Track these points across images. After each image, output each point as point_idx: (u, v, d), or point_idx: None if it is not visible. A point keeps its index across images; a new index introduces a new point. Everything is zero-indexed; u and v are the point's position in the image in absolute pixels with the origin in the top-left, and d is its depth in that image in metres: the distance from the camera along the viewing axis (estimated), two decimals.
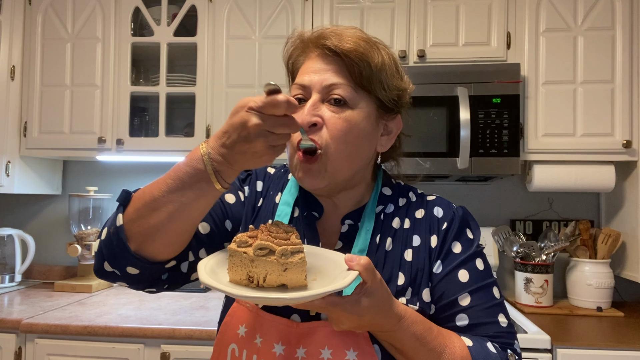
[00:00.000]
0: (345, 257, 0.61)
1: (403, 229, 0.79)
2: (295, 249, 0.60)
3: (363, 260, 0.60)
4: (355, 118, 0.72)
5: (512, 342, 0.73)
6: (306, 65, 0.76)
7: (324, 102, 0.73)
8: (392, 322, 0.63)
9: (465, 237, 0.78)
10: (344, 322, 0.61)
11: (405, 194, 0.84)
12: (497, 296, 0.76)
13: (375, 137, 0.78)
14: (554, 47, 1.88)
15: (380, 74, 0.74)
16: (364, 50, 0.72)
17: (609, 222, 2.08)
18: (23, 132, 2.10)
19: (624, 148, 1.82)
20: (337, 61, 0.73)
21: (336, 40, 0.72)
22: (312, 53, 0.76)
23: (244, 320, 0.72)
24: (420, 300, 0.73)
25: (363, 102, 0.74)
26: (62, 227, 2.42)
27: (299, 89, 0.75)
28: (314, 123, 0.70)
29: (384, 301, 0.62)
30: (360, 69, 0.72)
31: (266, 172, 0.88)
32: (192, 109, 2.03)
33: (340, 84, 0.72)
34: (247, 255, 0.60)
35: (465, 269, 0.75)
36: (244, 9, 2.02)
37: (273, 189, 0.85)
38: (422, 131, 1.83)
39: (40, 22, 2.10)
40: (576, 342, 1.50)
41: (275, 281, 0.60)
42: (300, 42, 0.79)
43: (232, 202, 0.81)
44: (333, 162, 0.72)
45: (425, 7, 1.94)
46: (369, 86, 0.74)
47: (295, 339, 0.69)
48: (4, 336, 1.65)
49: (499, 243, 2.02)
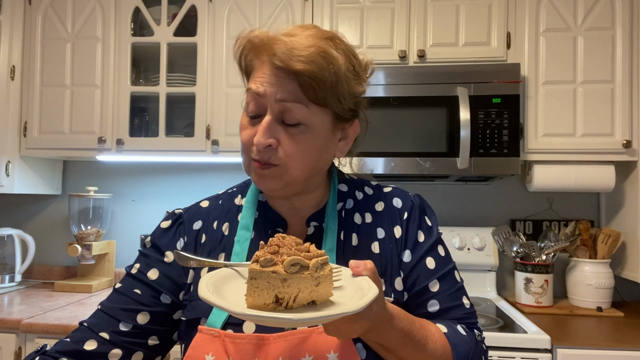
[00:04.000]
0: (351, 263, 0.60)
1: (365, 223, 0.80)
2: (324, 260, 0.56)
3: (369, 265, 0.59)
4: (310, 137, 0.71)
5: (476, 322, 0.78)
6: (260, 72, 0.72)
7: (278, 122, 0.70)
8: (386, 322, 0.63)
9: (426, 225, 0.82)
10: (357, 330, 0.58)
11: (361, 188, 0.85)
12: (459, 279, 0.80)
13: (332, 145, 0.77)
14: (554, 47, 1.88)
15: (336, 89, 0.70)
16: (318, 68, 0.68)
17: (609, 222, 2.08)
18: (23, 132, 2.10)
19: (624, 148, 1.82)
20: (289, 75, 0.69)
21: (286, 57, 0.67)
22: (264, 56, 0.71)
23: (210, 349, 0.68)
24: (394, 290, 0.75)
25: (318, 119, 0.72)
26: (62, 227, 2.42)
27: (253, 98, 0.72)
28: (268, 144, 0.70)
29: (384, 303, 0.62)
30: (315, 89, 0.69)
31: (199, 209, 0.84)
32: (192, 109, 2.03)
33: (293, 104, 0.69)
34: (277, 275, 0.53)
35: (431, 257, 0.79)
36: (244, 9, 2.02)
37: (216, 220, 0.82)
38: (422, 131, 1.84)
39: (40, 22, 2.10)
40: (576, 342, 1.50)
41: (306, 299, 0.55)
42: (250, 45, 0.74)
43: (155, 277, 0.78)
44: (290, 175, 0.72)
45: (425, 7, 1.94)
46: (323, 103, 0.71)
47: (272, 351, 0.66)
48: (4, 336, 1.65)
49: (499, 243, 2.02)
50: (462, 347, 0.72)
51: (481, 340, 0.77)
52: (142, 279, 0.78)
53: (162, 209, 2.35)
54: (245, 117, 0.75)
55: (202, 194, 2.38)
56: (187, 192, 2.37)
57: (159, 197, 2.38)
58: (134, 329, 0.75)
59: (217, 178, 2.37)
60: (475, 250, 2.07)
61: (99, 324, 0.75)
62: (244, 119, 0.75)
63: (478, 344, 0.75)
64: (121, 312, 0.76)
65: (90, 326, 0.75)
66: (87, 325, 0.76)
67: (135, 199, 2.39)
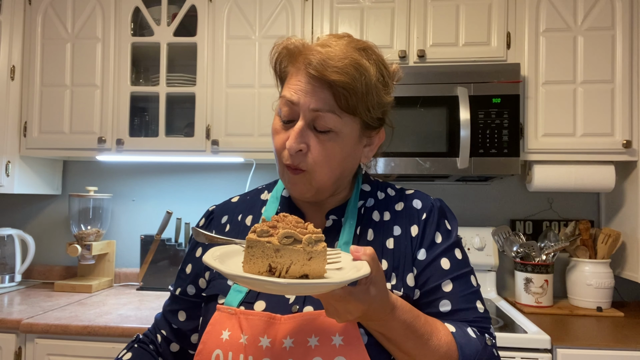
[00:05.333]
0: (351, 248, 0.62)
1: (383, 221, 0.82)
2: (318, 237, 0.59)
3: (369, 250, 0.61)
4: (338, 146, 0.75)
5: (489, 327, 0.78)
6: (295, 79, 0.76)
7: (309, 128, 0.75)
8: (387, 311, 0.65)
9: (444, 227, 0.83)
10: (352, 312, 0.61)
11: (383, 189, 0.88)
12: (475, 284, 0.80)
13: (359, 152, 0.81)
14: (554, 47, 1.88)
15: (366, 98, 0.74)
16: (351, 79, 0.72)
17: (609, 222, 2.08)
18: (23, 132, 2.10)
19: (624, 148, 1.82)
20: (323, 85, 0.73)
21: (321, 67, 0.71)
22: (299, 64, 0.75)
23: (227, 325, 0.73)
24: (405, 285, 0.76)
25: (347, 127, 0.76)
26: (62, 227, 2.42)
27: (286, 104, 0.75)
28: (299, 149, 0.74)
29: (385, 290, 0.64)
30: (347, 97, 0.73)
31: (228, 204, 0.92)
32: (192, 109, 2.03)
33: (326, 113, 0.73)
34: (271, 245, 0.58)
35: (447, 258, 0.79)
36: (244, 9, 2.02)
37: (241, 214, 0.89)
38: (422, 131, 1.84)
39: (40, 22, 2.11)
40: (576, 342, 1.50)
41: (298, 271, 0.58)
42: (287, 52, 0.78)
43: (188, 271, 0.88)
44: (318, 181, 0.76)
45: (425, 7, 1.94)
46: (354, 112, 0.75)
47: (281, 331, 0.70)
48: (4, 336, 1.65)
49: (499, 243, 2.02)
50: (469, 348, 0.72)
51: (492, 345, 0.76)
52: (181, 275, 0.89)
53: (162, 209, 2.35)
54: (278, 121, 0.78)
55: (202, 194, 2.40)
56: (187, 192, 2.37)
57: (159, 197, 2.38)
58: (179, 328, 0.86)
59: (217, 178, 2.37)
60: (475, 250, 2.07)
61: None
62: (277, 123, 0.78)
63: (487, 348, 0.75)
64: (168, 312, 0.89)
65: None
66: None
67: (135, 199, 2.39)
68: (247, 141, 1.99)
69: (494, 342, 0.78)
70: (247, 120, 1.99)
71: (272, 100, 1.96)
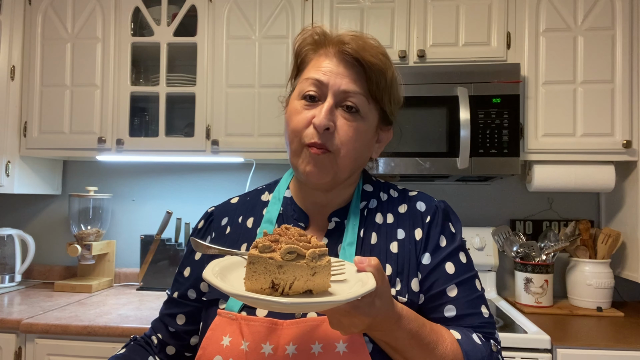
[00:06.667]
0: (356, 259, 0.61)
1: (387, 223, 0.81)
2: (322, 251, 0.58)
3: (373, 261, 0.60)
4: (363, 127, 0.77)
5: (494, 332, 0.77)
6: (322, 61, 0.77)
7: (337, 107, 0.76)
8: (392, 322, 0.63)
9: (449, 230, 0.81)
10: (357, 325, 0.59)
11: (386, 190, 0.87)
12: (479, 288, 0.79)
13: (372, 145, 0.83)
14: (554, 47, 1.88)
15: (391, 88, 0.79)
16: (384, 65, 0.76)
17: (609, 222, 2.08)
18: (23, 132, 2.10)
19: (624, 148, 1.82)
20: (356, 68, 0.76)
21: (360, 48, 0.75)
22: (328, 50, 0.78)
23: (227, 330, 0.72)
24: (409, 291, 0.75)
25: (371, 113, 0.78)
26: (62, 227, 2.42)
27: (313, 84, 0.76)
28: (327, 127, 0.74)
29: (390, 301, 0.63)
30: (378, 81, 0.76)
31: (228, 205, 0.90)
32: (192, 109, 2.03)
33: (356, 93, 0.75)
34: (274, 261, 0.56)
35: (451, 262, 0.78)
36: (244, 9, 2.02)
37: (242, 215, 0.87)
38: (422, 131, 1.83)
39: (40, 22, 2.10)
40: (576, 342, 1.50)
41: (302, 287, 0.57)
42: (324, 37, 0.79)
43: (187, 275, 0.86)
44: (340, 162, 0.76)
45: (425, 7, 1.94)
46: (380, 98, 0.78)
47: (284, 337, 0.69)
48: (4, 336, 1.65)
49: (499, 243, 2.02)
50: (474, 355, 0.71)
51: (497, 351, 0.75)
52: (179, 279, 0.87)
53: (162, 209, 2.35)
54: (297, 103, 0.78)
55: (202, 194, 2.40)
56: (187, 192, 2.37)
57: (159, 197, 2.38)
58: (177, 331, 0.85)
59: (217, 178, 2.37)
60: (475, 250, 2.07)
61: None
62: (297, 105, 0.78)
63: (493, 355, 0.74)
64: (166, 316, 0.88)
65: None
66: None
67: (135, 199, 2.39)
68: (247, 141, 1.99)
69: (499, 347, 0.76)
70: (247, 120, 1.99)
71: (272, 100, 1.97)
